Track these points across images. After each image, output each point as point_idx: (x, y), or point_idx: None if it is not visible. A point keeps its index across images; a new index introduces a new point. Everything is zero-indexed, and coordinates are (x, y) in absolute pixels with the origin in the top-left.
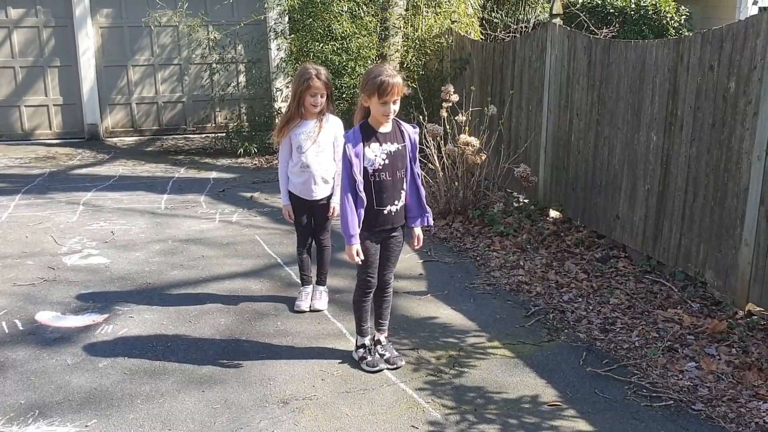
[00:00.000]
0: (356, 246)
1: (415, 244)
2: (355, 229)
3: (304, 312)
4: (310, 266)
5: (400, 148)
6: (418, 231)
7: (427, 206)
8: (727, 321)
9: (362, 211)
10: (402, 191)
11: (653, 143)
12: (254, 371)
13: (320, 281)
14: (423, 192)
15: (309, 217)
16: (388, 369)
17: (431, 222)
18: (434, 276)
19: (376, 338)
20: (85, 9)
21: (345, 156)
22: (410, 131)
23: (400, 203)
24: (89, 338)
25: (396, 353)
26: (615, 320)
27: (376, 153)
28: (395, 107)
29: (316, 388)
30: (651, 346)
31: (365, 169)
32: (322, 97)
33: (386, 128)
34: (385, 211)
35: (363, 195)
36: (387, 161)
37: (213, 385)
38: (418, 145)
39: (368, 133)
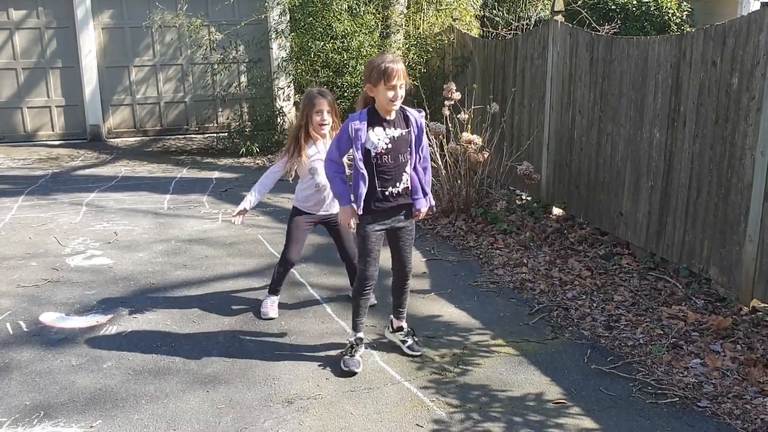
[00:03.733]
0: (352, 207)
1: (416, 215)
2: (348, 192)
3: (273, 319)
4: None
5: (404, 133)
6: (419, 204)
7: (428, 193)
8: (731, 317)
9: (364, 189)
10: (404, 173)
11: (656, 140)
12: (258, 371)
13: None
14: (425, 177)
15: (309, 232)
16: (390, 368)
17: (432, 203)
18: (438, 274)
19: (396, 325)
20: (86, 10)
21: (344, 129)
22: (415, 115)
23: (402, 186)
24: (93, 339)
25: (416, 339)
26: (619, 317)
27: (379, 137)
28: (402, 92)
29: (320, 387)
30: (655, 343)
31: (368, 151)
32: (328, 113)
33: (391, 116)
34: (387, 192)
35: (364, 171)
36: (390, 146)
37: (217, 384)
38: (424, 128)
39: (374, 117)
